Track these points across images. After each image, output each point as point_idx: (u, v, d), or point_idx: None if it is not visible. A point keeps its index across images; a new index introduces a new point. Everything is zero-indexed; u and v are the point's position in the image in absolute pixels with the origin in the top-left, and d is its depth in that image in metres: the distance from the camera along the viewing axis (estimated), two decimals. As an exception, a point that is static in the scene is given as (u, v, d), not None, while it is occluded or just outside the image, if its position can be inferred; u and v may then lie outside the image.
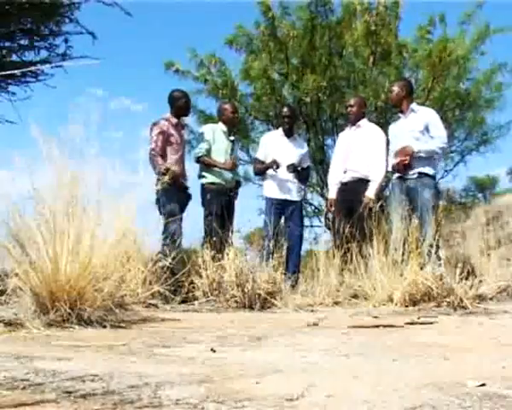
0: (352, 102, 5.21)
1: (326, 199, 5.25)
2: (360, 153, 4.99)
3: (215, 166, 4.94)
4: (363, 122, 5.13)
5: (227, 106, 5.32)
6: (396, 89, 4.93)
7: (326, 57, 8.51)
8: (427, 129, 4.73)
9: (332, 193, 5.17)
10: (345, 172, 5.03)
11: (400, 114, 4.96)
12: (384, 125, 5.72)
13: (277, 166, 5.04)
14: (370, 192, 4.86)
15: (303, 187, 5.34)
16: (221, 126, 5.13)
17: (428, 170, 4.73)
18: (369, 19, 8.28)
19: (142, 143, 4.66)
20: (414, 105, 4.94)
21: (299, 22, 8.54)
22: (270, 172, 5.17)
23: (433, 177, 4.81)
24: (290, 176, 5.13)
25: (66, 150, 2.54)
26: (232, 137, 5.18)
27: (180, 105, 4.86)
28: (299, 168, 5.14)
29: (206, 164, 4.96)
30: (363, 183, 4.92)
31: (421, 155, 4.67)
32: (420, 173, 4.70)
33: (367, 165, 4.93)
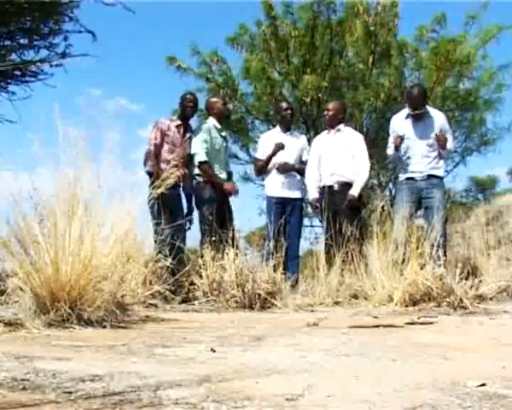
0: (330, 106, 5.25)
1: (309, 203, 5.23)
2: (345, 157, 5.05)
3: (213, 181, 4.81)
4: (342, 126, 5.19)
5: (216, 99, 5.26)
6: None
7: (327, 57, 8.52)
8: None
9: (314, 193, 5.09)
10: (331, 175, 5.03)
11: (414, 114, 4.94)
12: (384, 125, 5.72)
13: (282, 147, 5.03)
14: (354, 191, 4.95)
15: (304, 186, 5.34)
16: (214, 123, 5.00)
17: (437, 172, 4.89)
18: (368, 19, 8.29)
19: (141, 143, 4.69)
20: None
21: (300, 22, 8.54)
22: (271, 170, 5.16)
23: (441, 178, 4.95)
24: (291, 173, 5.12)
25: (66, 150, 2.55)
26: (224, 133, 5.14)
27: (184, 108, 4.86)
28: (294, 166, 5.14)
29: (205, 173, 4.81)
30: (348, 187, 4.99)
31: (447, 148, 4.84)
32: (429, 175, 4.83)
33: (352, 169, 5.03)
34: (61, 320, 2.29)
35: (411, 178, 4.86)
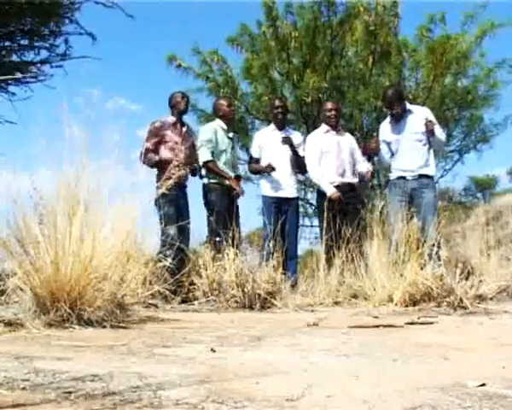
0: (331, 106, 5.25)
1: (328, 200, 5.05)
2: (350, 159, 5.12)
3: (221, 175, 4.91)
4: (341, 127, 5.29)
5: (222, 101, 5.33)
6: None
7: (327, 57, 8.51)
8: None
9: (331, 188, 4.96)
10: (341, 174, 5.03)
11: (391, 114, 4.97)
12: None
13: (272, 170, 5.03)
14: (367, 167, 5.21)
15: (299, 185, 5.36)
16: (220, 124, 5.07)
17: (428, 171, 4.87)
18: (368, 19, 8.29)
19: (140, 143, 4.70)
20: (410, 106, 5.07)
21: (301, 22, 8.54)
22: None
23: (432, 178, 4.94)
24: (287, 172, 5.12)
25: (66, 150, 2.55)
26: (231, 134, 5.16)
27: (174, 103, 4.88)
28: (292, 143, 5.12)
29: (212, 171, 4.92)
30: (351, 187, 5.05)
31: (436, 135, 4.80)
32: (420, 175, 4.81)
33: (355, 170, 5.14)
34: (61, 320, 2.29)
35: (402, 177, 4.85)
